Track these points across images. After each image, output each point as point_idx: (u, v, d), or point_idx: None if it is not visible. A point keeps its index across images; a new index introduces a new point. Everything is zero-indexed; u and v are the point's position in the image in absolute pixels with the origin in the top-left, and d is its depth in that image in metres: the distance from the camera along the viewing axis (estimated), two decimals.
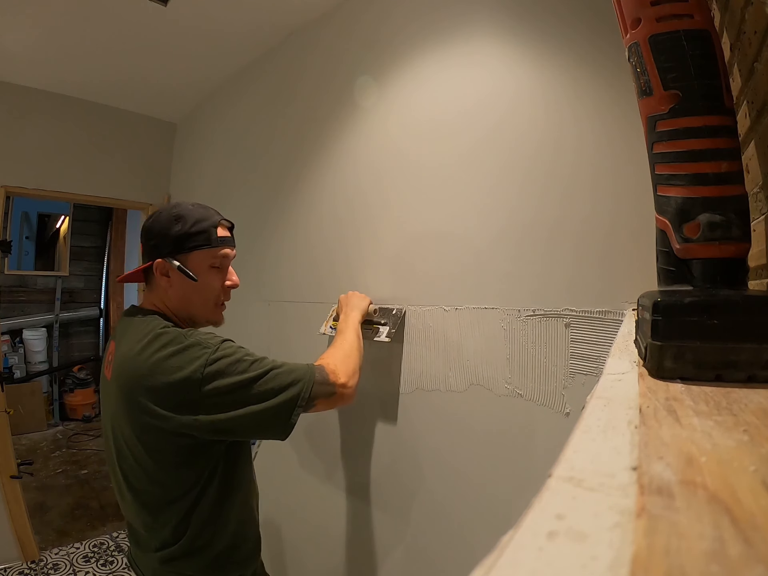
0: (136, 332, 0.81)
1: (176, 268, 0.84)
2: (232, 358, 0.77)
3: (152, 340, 0.77)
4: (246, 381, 0.76)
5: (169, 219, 0.85)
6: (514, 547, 0.13)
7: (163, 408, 0.73)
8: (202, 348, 0.76)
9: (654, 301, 0.33)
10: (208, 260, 0.88)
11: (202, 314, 0.92)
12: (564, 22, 0.99)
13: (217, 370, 0.74)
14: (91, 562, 2.16)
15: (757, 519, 0.14)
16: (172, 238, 0.84)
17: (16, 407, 3.04)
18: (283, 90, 1.82)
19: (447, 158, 1.19)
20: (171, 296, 0.87)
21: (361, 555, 1.36)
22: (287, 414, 0.78)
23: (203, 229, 0.87)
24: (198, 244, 0.86)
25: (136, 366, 0.75)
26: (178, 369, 0.73)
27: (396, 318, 1.21)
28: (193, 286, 0.86)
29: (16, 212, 4.13)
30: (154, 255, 0.85)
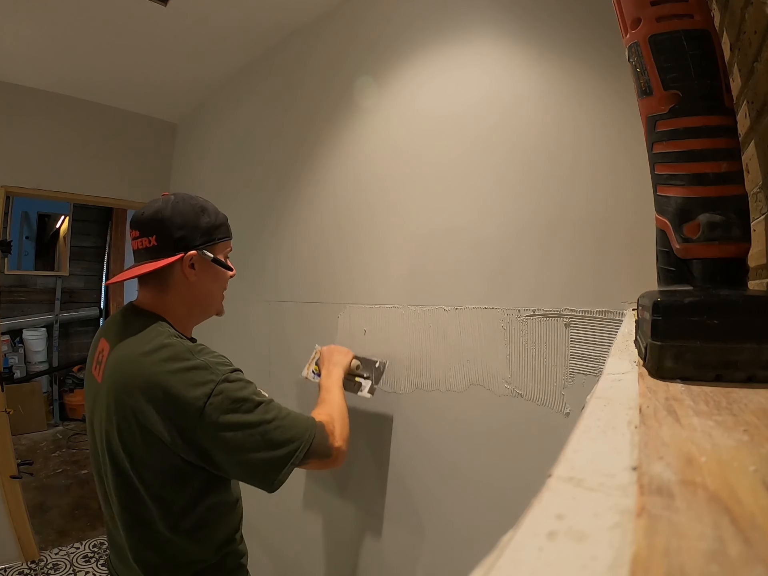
0: (138, 338, 0.75)
1: (210, 260, 0.82)
2: (239, 395, 0.72)
3: (157, 349, 0.72)
4: (247, 424, 0.71)
5: (194, 210, 0.81)
6: (514, 547, 0.13)
7: (156, 423, 0.69)
8: (209, 373, 0.71)
9: (654, 301, 0.33)
10: (225, 252, 0.89)
11: (216, 305, 0.91)
12: (563, 23, 0.99)
13: (220, 404, 0.70)
14: (91, 562, 2.16)
15: (757, 519, 0.14)
16: (203, 229, 0.81)
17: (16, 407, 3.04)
18: (283, 89, 1.82)
19: (446, 158, 1.19)
20: (193, 291, 0.83)
21: (357, 557, 1.36)
22: (279, 470, 0.74)
23: (224, 221, 0.87)
24: (223, 235, 0.86)
25: (137, 373, 0.71)
26: (182, 389, 0.69)
27: (378, 372, 1.21)
28: (219, 277, 0.86)
29: (16, 212, 4.14)
30: (182, 247, 0.79)
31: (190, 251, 0.79)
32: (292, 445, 0.74)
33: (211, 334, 2.18)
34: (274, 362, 1.75)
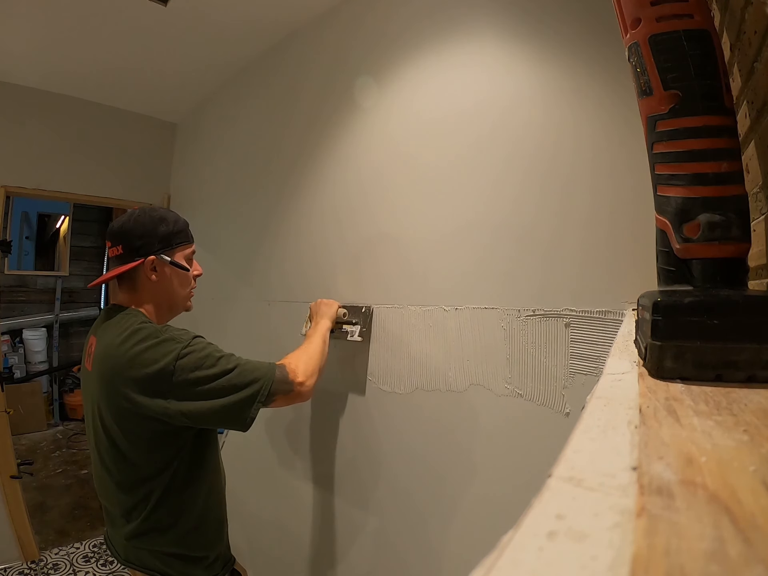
0: (116, 327, 0.89)
1: (168, 263, 0.95)
2: (201, 354, 0.86)
3: (131, 334, 0.86)
4: (212, 375, 0.84)
5: (153, 220, 0.94)
6: (514, 547, 0.13)
7: (139, 395, 0.82)
8: (175, 342, 0.85)
9: (654, 301, 0.33)
10: (186, 254, 1.01)
11: (182, 302, 1.04)
12: (563, 23, 0.99)
13: (186, 364, 0.83)
14: (91, 562, 2.16)
15: (757, 519, 0.14)
16: (160, 236, 0.94)
17: (16, 407, 3.04)
18: (283, 90, 1.82)
19: (447, 158, 1.20)
20: (157, 290, 0.97)
21: (357, 553, 1.36)
22: (247, 408, 0.86)
23: (182, 227, 1.00)
24: (181, 240, 0.99)
25: (116, 358, 0.84)
26: (154, 361, 0.82)
27: (365, 316, 1.31)
28: (180, 277, 0.99)
29: (16, 212, 4.14)
30: (142, 253, 0.93)
31: (150, 256, 0.93)
32: (255, 385, 0.87)
33: (212, 334, 2.18)
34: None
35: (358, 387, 1.39)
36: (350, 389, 1.41)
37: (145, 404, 0.82)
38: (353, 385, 1.41)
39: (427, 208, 1.23)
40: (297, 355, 1.02)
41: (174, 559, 0.93)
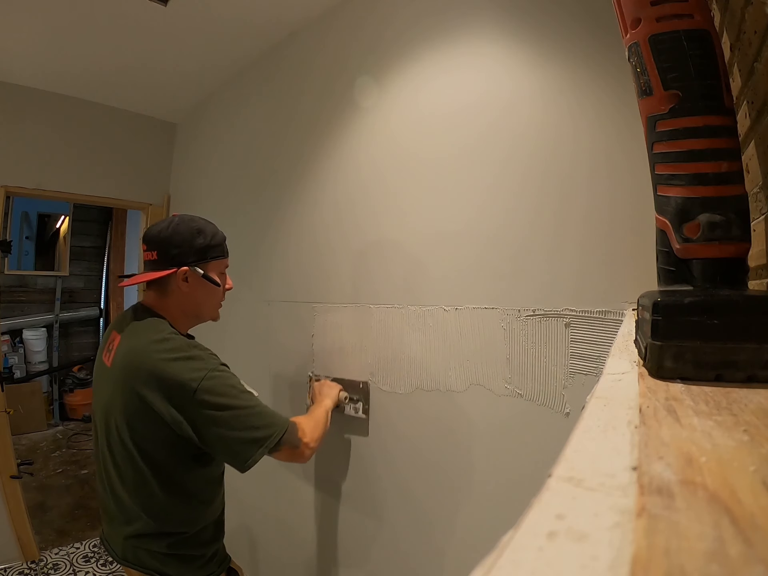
0: (147, 330, 0.92)
1: (200, 275, 0.97)
2: (228, 382, 0.89)
3: (161, 341, 0.89)
4: (233, 405, 0.86)
5: (191, 231, 0.96)
6: (514, 547, 0.13)
7: (156, 397, 0.84)
8: (204, 363, 0.88)
9: (654, 301, 0.33)
10: (220, 268, 1.03)
11: (209, 313, 1.06)
12: (562, 23, 0.99)
13: (211, 386, 0.85)
14: (91, 562, 2.16)
15: (757, 519, 0.14)
16: (196, 248, 0.96)
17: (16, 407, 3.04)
18: (284, 90, 1.82)
19: (446, 158, 1.20)
20: (186, 299, 0.98)
21: (358, 552, 1.36)
22: (254, 449, 0.87)
23: (219, 242, 1.02)
24: (216, 255, 1.01)
25: (143, 358, 0.86)
26: (180, 373, 0.85)
27: (364, 392, 1.35)
28: (210, 290, 1.00)
29: (16, 212, 4.13)
30: (178, 263, 0.95)
31: (183, 267, 0.95)
32: (268, 429, 0.89)
33: (213, 334, 2.18)
34: (274, 362, 1.75)
35: (358, 387, 1.39)
36: (350, 389, 1.41)
37: (160, 408, 0.84)
38: (353, 385, 1.41)
39: (427, 207, 1.23)
40: (307, 419, 1.05)
41: (172, 558, 0.94)
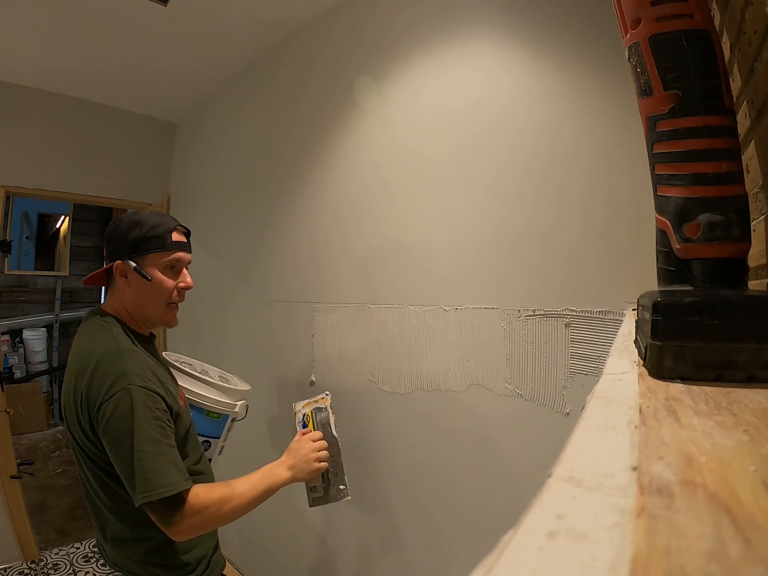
0: (88, 335, 0.90)
1: (132, 269, 0.90)
2: (132, 410, 0.77)
3: (97, 347, 0.85)
4: (120, 438, 0.77)
5: (129, 224, 0.92)
6: (514, 547, 0.13)
7: (79, 411, 0.82)
8: (120, 379, 0.79)
9: (654, 301, 0.33)
10: (162, 263, 0.94)
11: (155, 314, 0.96)
12: (562, 24, 0.99)
13: (113, 408, 0.77)
14: (91, 562, 2.16)
15: (757, 519, 0.14)
16: (130, 241, 0.91)
17: (16, 407, 3.04)
18: (284, 89, 1.82)
19: (446, 158, 1.20)
20: (128, 297, 0.93)
21: (358, 552, 1.36)
22: (134, 493, 0.77)
23: (158, 233, 0.93)
24: (153, 247, 0.92)
25: (75, 367, 0.85)
26: (94, 385, 0.80)
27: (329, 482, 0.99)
28: (148, 286, 0.92)
29: (16, 212, 4.13)
30: (114, 257, 0.92)
31: (116, 261, 0.91)
32: (142, 485, 0.76)
33: (213, 335, 2.18)
34: (274, 362, 1.75)
35: (358, 387, 1.39)
36: (350, 389, 1.41)
37: (81, 422, 0.82)
38: (353, 386, 1.41)
39: (427, 207, 1.23)
40: (220, 496, 0.83)
41: (153, 566, 0.89)
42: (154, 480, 0.76)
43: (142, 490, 0.75)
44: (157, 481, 0.76)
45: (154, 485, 0.75)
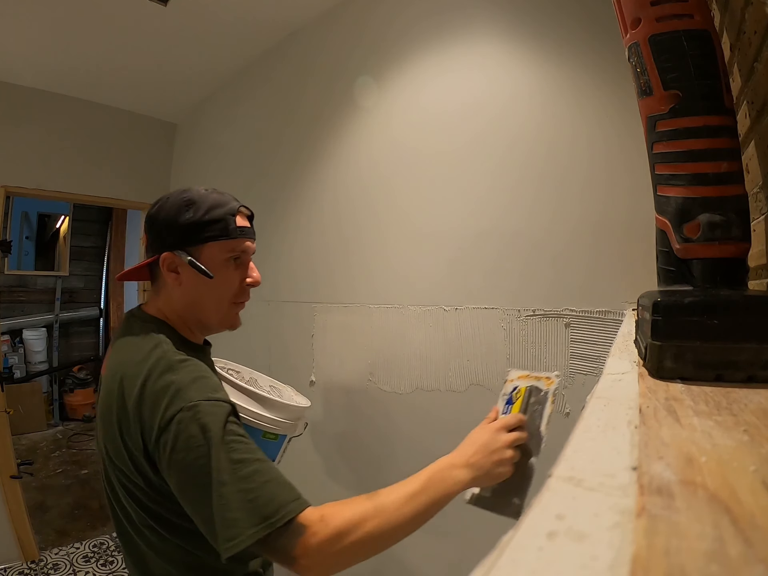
0: (132, 344, 0.69)
1: (187, 263, 0.70)
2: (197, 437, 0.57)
3: (143, 360, 0.64)
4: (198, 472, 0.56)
5: (179, 205, 0.72)
6: (514, 547, 0.13)
7: (126, 439, 0.62)
8: (179, 396, 0.60)
9: (654, 301, 0.33)
10: (224, 254, 0.73)
11: (215, 317, 0.77)
12: (561, 24, 0.99)
13: (176, 436, 0.57)
14: (91, 562, 2.16)
15: (757, 519, 0.14)
16: (182, 227, 0.71)
17: (16, 407, 3.04)
18: (283, 89, 1.82)
19: (445, 158, 1.20)
20: (179, 297, 0.74)
21: None
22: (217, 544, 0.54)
23: (219, 216, 0.73)
24: (213, 234, 0.72)
25: (119, 386, 0.64)
26: (149, 408, 0.60)
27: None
28: (207, 283, 0.72)
29: (16, 212, 4.13)
30: (160, 248, 0.71)
31: (163, 252, 0.70)
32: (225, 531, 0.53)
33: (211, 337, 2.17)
34: (274, 363, 1.75)
35: (358, 387, 1.39)
36: (350, 389, 1.41)
37: (133, 454, 0.62)
38: (353, 386, 1.41)
39: (427, 208, 1.23)
40: (357, 518, 0.57)
41: None
42: (241, 521, 0.53)
43: (226, 538, 0.53)
44: (247, 520, 0.53)
45: (243, 526, 0.53)
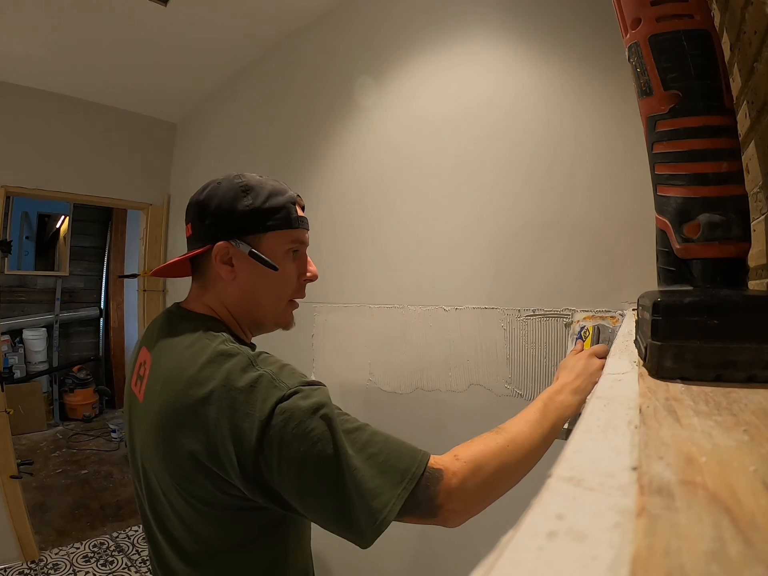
0: (186, 346, 0.60)
1: (247, 254, 0.64)
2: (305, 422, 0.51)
3: (209, 362, 0.56)
4: (321, 459, 0.50)
5: (234, 190, 0.65)
6: (514, 547, 0.13)
7: (209, 453, 0.53)
8: (273, 387, 0.54)
9: (654, 301, 0.33)
10: (286, 245, 0.68)
11: (272, 315, 0.71)
12: (564, 22, 0.99)
13: (283, 427, 0.51)
14: (91, 562, 2.16)
15: (757, 519, 0.14)
16: (240, 214, 0.64)
17: (16, 407, 3.04)
18: (283, 90, 1.82)
19: (447, 159, 1.19)
20: (233, 292, 0.67)
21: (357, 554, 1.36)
22: (367, 523, 0.50)
23: (281, 204, 0.67)
24: (275, 224, 0.66)
25: (186, 394, 0.55)
26: (237, 412, 0.52)
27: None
28: (267, 278, 0.67)
29: (16, 212, 4.13)
30: (213, 237, 0.64)
31: (220, 241, 0.63)
32: (369, 513, 0.50)
33: None
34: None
35: (358, 387, 1.39)
36: (350, 389, 1.41)
37: (219, 466, 0.53)
38: (353, 386, 1.41)
39: (428, 207, 1.23)
40: (490, 449, 0.58)
41: None
42: (384, 485, 0.50)
43: (376, 509, 0.49)
44: (390, 483, 0.50)
45: (388, 490, 0.50)
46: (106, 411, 4.49)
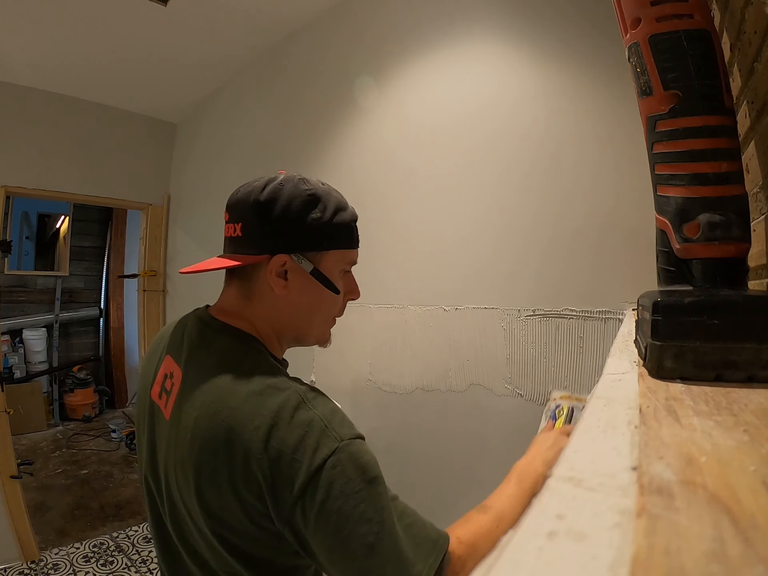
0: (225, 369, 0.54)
1: (309, 272, 0.60)
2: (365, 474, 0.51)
3: (257, 393, 0.52)
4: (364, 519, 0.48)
5: (302, 198, 0.58)
6: (514, 547, 0.13)
7: (248, 488, 0.49)
8: (326, 436, 0.50)
9: (654, 301, 0.33)
10: (342, 265, 0.65)
11: (316, 334, 0.67)
12: (566, 22, 0.99)
13: (331, 482, 0.48)
14: (91, 562, 2.16)
15: (757, 519, 0.14)
16: (308, 228, 0.58)
17: (16, 407, 3.04)
18: (283, 90, 1.82)
19: (448, 160, 1.19)
20: (282, 307, 0.61)
21: None
22: None
23: (346, 221, 0.63)
24: (340, 243, 0.62)
25: (228, 426, 0.50)
26: (284, 453, 0.49)
27: None
28: (320, 296, 0.62)
29: (16, 212, 4.13)
30: (273, 247, 0.58)
31: (280, 254, 0.58)
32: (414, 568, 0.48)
33: None
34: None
35: (358, 387, 1.39)
36: (350, 389, 1.41)
37: (257, 503, 0.50)
38: (353, 386, 1.41)
39: (430, 208, 1.23)
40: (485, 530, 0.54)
41: None
42: (417, 558, 0.49)
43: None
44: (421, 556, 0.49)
45: (420, 564, 0.48)
46: (106, 411, 4.49)
